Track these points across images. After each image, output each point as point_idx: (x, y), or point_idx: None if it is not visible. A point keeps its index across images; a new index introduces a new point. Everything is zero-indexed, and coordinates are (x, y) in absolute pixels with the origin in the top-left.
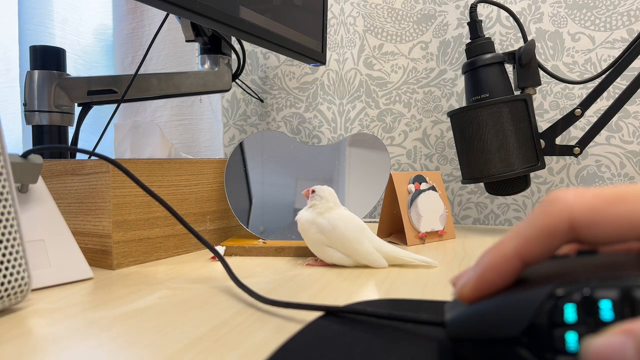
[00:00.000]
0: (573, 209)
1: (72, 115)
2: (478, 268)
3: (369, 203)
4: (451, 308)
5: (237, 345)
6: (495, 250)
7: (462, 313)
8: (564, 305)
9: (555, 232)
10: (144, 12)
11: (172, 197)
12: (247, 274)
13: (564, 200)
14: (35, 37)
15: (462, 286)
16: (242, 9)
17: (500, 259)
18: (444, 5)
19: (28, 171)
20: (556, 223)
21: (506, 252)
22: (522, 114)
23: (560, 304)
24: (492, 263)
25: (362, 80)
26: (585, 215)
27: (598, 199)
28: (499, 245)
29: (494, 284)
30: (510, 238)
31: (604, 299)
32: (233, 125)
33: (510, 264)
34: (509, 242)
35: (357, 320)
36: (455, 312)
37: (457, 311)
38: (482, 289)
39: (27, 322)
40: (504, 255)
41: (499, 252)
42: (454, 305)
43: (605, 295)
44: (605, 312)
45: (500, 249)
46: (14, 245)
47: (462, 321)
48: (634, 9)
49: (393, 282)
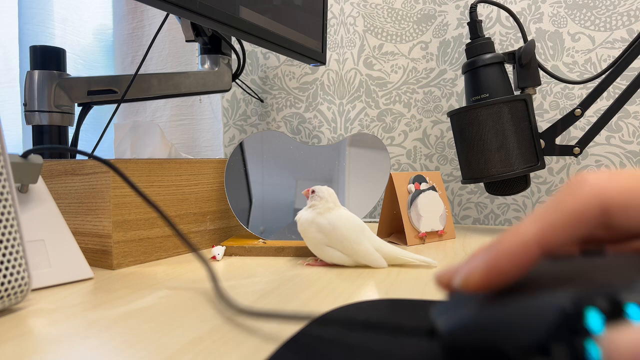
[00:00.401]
0: (607, 190)
1: (72, 115)
2: (490, 253)
3: (369, 203)
4: (442, 313)
5: (237, 345)
6: (513, 235)
7: (464, 319)
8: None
9: (585, 217)
10: (144, 12)
11: (172, 197)
12: (247, 274)
13: (596, 181)
14: (35, 37)
15: (470, 273)
16: (242, 9)
17: (518, 244)
18: (444, 5)
19: (28, 171)
20: (586, 206)
21: (526, 238)
22: (522, 114)
23: (583, 310)
24: (509, 249)
25: (362, 80)
26: (622, 197)
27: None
28: (517, 229)
29: (507, 273)
30: (532, 222)
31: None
32: (233, 125)
33: (530, 251)
34: (530, 226)
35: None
36: (453, 318)
37: (454, 317)
38: (493, 277)
39: (27, 322)
40: (523, 241)
41: (518, 237)
42: (445, 310)
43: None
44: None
45: (520, 233)
46: (14, 245)
47: (466, 329)
48: (634, 9)
49: (393, 282)
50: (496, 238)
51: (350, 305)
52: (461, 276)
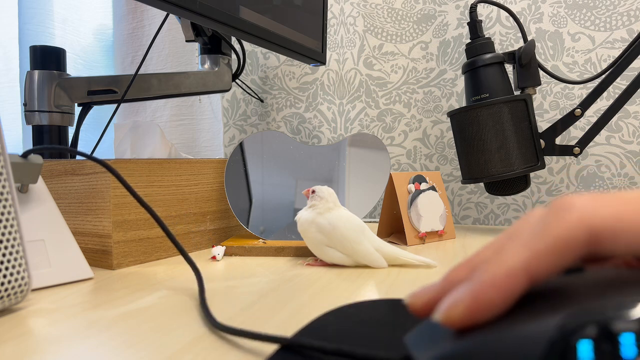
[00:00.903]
0: (595, 217)
1: (72, 115)
2: (475, 284)
3: (369, 203)
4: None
5: (237, 344)
6: (498, 264)
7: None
8: (577, 342)
9: (572, 245)
10: (144, 12)
11: (172, 197)
12: (247, 274)
13: (582, 206)
14: (35, 37)
15: (452, 307)
16: (242, 9)
17: (504, 274)
18: (444, 5)
19: (28, 171)
20: (574, 233)
21: (511, 267)
22: (522, 114)
23: (573, 341)
24: (494, 279)
25: (362, 80)
26: (610, 224)
27: (625, 205)
28: (501, 258)
29: (494, 305)
30: (517, 250)
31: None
32: (233, 125)
33: (516, 281)
34: (516, 254)
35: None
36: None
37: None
38: (479, 311)
39: (27, 322)
40: (509, 270)
41: (503, 266)
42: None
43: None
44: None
45: (504, 262)
46: (14, 245)
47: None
48: (634, 9)
49: (393, 282)
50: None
51: (349, 306)
52: (443, 310)
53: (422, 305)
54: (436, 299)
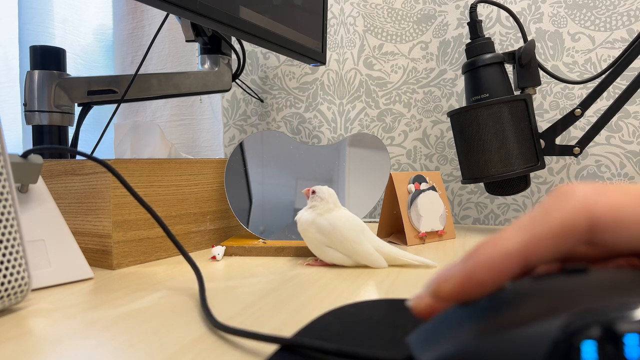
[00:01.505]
0: (595, 205)
1: (72, 115)
2: (468, 262)
3: (369, 203)
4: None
5: (237, 344)
6: (494, 244)
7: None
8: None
9: (571, 231)
10: (144, 12)
11: (172, 197)
12: (247, 274)
13: (584, 193)
14: (35, 37)
15: (443, 280)
16: (242, 9)
17: (499, 255)
18: (444, 5)
19: (28, 171)
20: (574, 219)
21: (508, 248)
22: (522, 114)
23: (577, 342)
24: (489, 258)
25: (362, 80)
26: (611, 213)
27: (625, 196)
28: (499, 239)
29: (484, 284)
30: (515, 233)
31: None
32: (233, 125)
33: (510, 263)
34: (514, 237)
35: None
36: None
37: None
38: (468, 287)
39: (27, 322)
40: (504, 252)
41: (499, 247)
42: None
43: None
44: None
45: (501, 243)
46: (14, 245)
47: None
48: (634, 9)
49: (393, 282)
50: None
51: (349, 306)
52: (435, 283)
53: (425, 308)
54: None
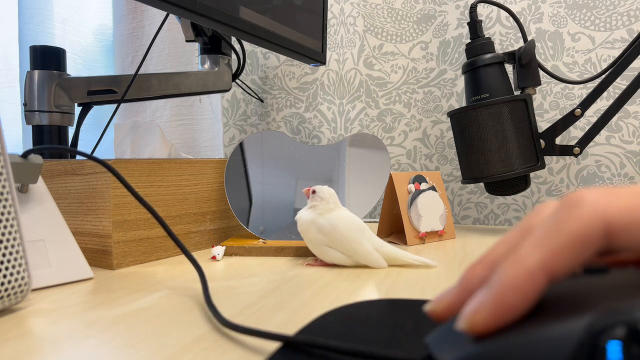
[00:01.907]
0: (608, 209)
1: (72, 115)
2: (495, 288)
3: (369, 203)
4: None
5: (237, 344)
6: (515, 265)
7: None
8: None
9: (589, 240)
10: (144, 12)
11: (172, 197)
12: (247, 274)
13: (595, 200)
14: (35, 37)
15: (474, 312)
16: (242, 9)
17: (523, 275)
18: (444, 5)
19: (28, 171)
20: (589, 228)
21: (529, 267)
22: (522, 114)
23: (602, 342)
24: (513, 281)
25: (362, 80)
26: (624, 216)
27: (636, 198)
28: (517, 258)
29: (516, 308)
30: (532, 249)
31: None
32: (233, 125)
33: (536, 281)
34: (531, 253)
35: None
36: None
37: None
38: (502, 315)
39: (27, 322)
40: (527, 271)
41: (521, 267)
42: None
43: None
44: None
45: (521, 263)
46: (14, 245)
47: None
48: (634, 9)
49: (392, 282)
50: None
51: (349, 306)
52: (466, 317)
53: (442, 311)
54: (456, 302)
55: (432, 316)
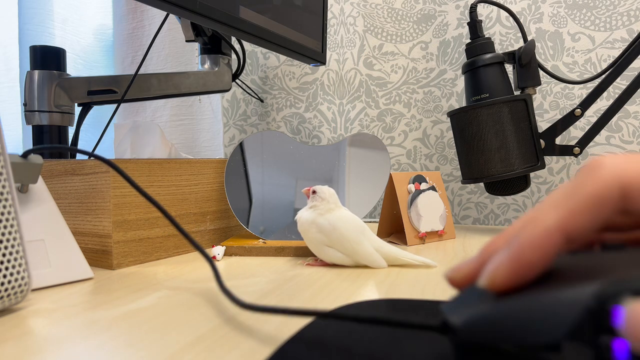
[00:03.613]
0: (625, 173)
1: (72, 115)
2: (514, 247)
3: (369, 203)
4: (454, 309)
5: (237, 345)
6: (533, 225)
7: (481, 314)
8: (612, 308)
9: (606, 200)
10: (144, 12)
11: (172, 197)
12: (247, 273)
13: (613, 164)
14: (35, 37)
15: (495, 269)
16: (242, 9)
17: (541, 234)
18: (444, 5)
19: (28, 171)
20: (606, 189)
21: (547, 226)
22: (522, 114)
23: (608, 307)
24: (532, 240)
25: (362, 80)
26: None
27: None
28: (535, 218)
29: (534, 265)
30: (550, 209)
31: None
32: (233, 125)
33: (553, 240)
34: (549, 214)
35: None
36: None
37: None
38: (521, 272)
39: (27, 322)
40: (545, 230)
41: (539, 227)
42: (458, 306)
43: None
44: None
45: (539, 222)
46: (14, 245)
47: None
48: (634, 9)
49: (393, 283)
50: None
51: (350, 305)
52: (487, 275)
53: (462, 278)
54: (475, 271)
55: (451, 283)
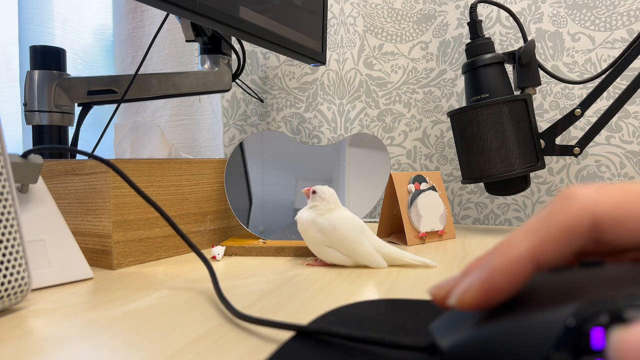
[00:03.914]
0: (597, 204)
1: (72, 115)
2: (484, 271)
3: (369, 203)
4: (442, 329)
5: (237, 345)
6: (504, 251)
7: (466, 336)
8: (590, 329)
9: (576, 231)
10: (144, 12)
11: (172, 197)
12: (247, 274)
13: (586, 195)
14: (35, 37)
15: (465, 291)
16: (242, 9)
17: (511, 260)
18: (444, 5)
19: (28, 171)
20: (577, 220)
21: (518, 253)
22: (522, 114)
23: (586, 328)
24: (502, 264)
25: (362, 80)
26: (612, 211)
27: (625, 194)
28: (508, 244)
29: (503, 290)
30: (523, 237)
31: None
32: (233, 125)
33: (523, 267)
34: (521, 241)
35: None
36: (454, 335)
37: (455, 334)
38: (488, 295)
39: (27, 322)
40: (515, 257)
41: (510, 253)
42: (445, 325)
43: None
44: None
45: (511, 249)
46: (14, 245)
47: (468, 346)
48: (634, 9)
49: (393, 283)
50: (487, 254)
51: (349, 306)
52: (456, 295)
53: (444, 296)
54: None
55: (434, 300)
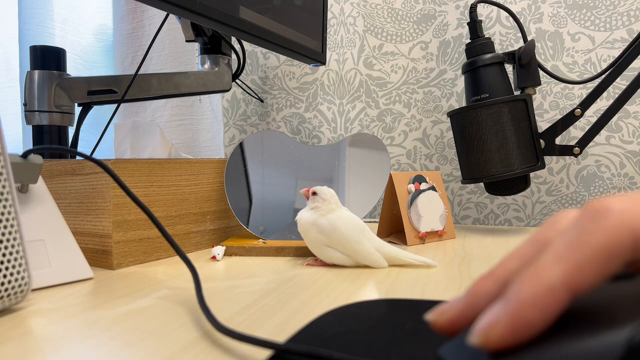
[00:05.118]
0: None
1: (72, 115)
2: (512, 303)
3: (369, 203)
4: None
5: (237, 344)
6: (533, 280)
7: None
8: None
9: (616, 253)
10: (144, 12)
11: (172, 197)
12: (247, 274)
13: (622, 209)
14: (35, 37)
15: (489, 327)
16: (242, 9)
17: (543, 291)
18: (444, 5)
19: (28, 171)
20: (617, 240)
21: (550, 282)
22: (522, 114)
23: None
24: (533, 297)
25: (362, 80)
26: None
27: None
28: (536, 272)
29: (535, 325)
30: (554, 263)
31: None
32: (233, 125)
33: (557, 298)
34: (553, 268)
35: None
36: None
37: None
38: (519, 332)
39: (27, 322)
40: (548, 286)
41: (541, 282)
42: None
43: None
44: None
45: (541, 277)
46: (14, 245)
47: None
48: (634, 9)
49: (393, 283)
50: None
51: (349, 306)
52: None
53: (446, 323)
54: (461, 317)
55: (435, 327)
